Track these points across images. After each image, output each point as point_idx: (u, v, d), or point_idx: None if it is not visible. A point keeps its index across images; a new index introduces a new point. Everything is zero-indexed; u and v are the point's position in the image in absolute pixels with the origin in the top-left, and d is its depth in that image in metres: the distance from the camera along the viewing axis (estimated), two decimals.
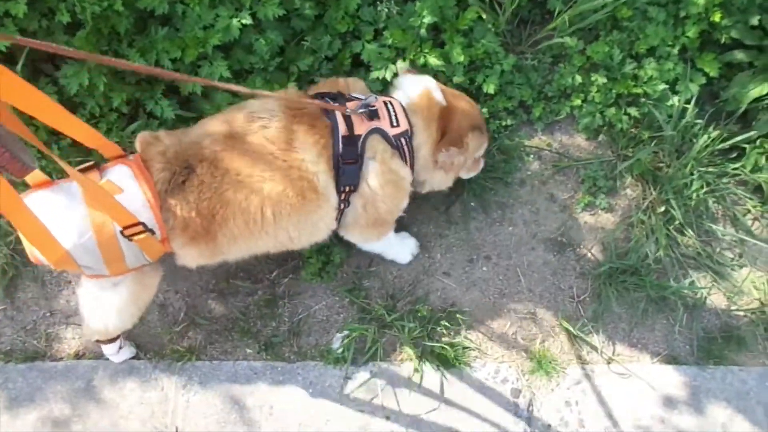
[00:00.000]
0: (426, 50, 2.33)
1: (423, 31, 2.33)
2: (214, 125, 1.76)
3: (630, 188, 2.56)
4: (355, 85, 2.01)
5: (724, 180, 2.53)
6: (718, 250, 2.49)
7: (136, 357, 2.23)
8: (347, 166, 1.77)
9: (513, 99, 2.55)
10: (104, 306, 1.82)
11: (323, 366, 2.24)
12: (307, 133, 1.73)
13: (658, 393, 2.25)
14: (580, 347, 2.32)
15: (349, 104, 1.82)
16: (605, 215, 2.52)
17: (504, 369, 2.27)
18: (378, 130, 1.81)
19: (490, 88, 2.44)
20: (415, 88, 1.94)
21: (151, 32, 2.22)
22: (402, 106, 1.90)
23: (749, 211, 2.53)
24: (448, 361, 2.24)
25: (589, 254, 2.46)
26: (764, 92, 2.43)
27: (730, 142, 2.49)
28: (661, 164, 2.52)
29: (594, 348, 2.32)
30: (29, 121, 1.65)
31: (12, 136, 1.02)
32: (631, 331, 2.36)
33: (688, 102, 2.48)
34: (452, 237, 2.45)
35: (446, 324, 2.29)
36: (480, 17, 2.46)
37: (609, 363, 2.30)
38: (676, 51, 2.51)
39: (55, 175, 2.02)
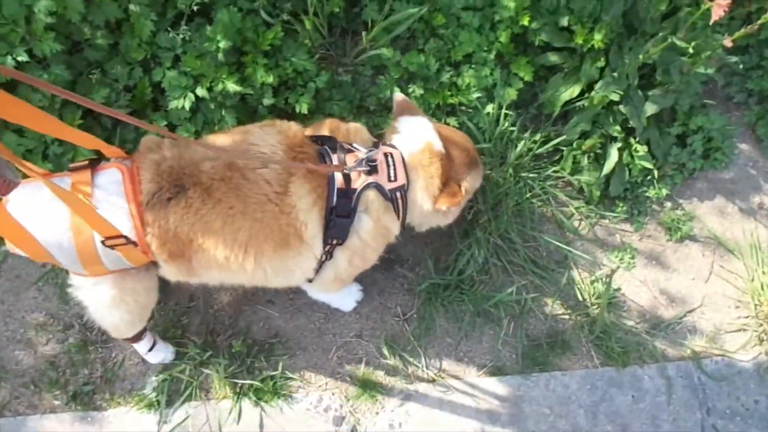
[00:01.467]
0: (224, 75, 2.23)
1: (220, 56, 2.24)
2: (219, 147, 1.72)
3: None
4: (357, 134, 1.90)
5: (549, 183, 2.54)
6: (544, 254, 2.50)
7: None
8: (339, 219, 1.73)
9: (331, 116, 2.49)
10: (92, 302, 1.79)
11: (137, 411, 2.17)
12: (304, 179, 1.67)
13: (481, 406, 2.26)
14: (405, 367, 2.30)
15: (349, 157, 1.75)
16: (434, 229, 2.50)
17: (327, 397, 2.24)
18: (375, 185, 1.75)
19: (303, 108, 2.37)
20: (416, 141, 1.86)
21: None
22: (402, 158, 1.82)
23: (573, 213, 2.55)
24: (267, 395, 2.20)
25: (416, 270, 2.44)
26: (575, 94, 2.44)
27: (548, 146, 2.49)
28: (486, 173, 2.51)
29: (417, 366, 2.30)
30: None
31: None
32: (457, 346, 2.36)
33: (505, 108, 2.47)
34: None
35: (263, 358, 2.24)
36: (286, 34, 2.38)
37: (433, 381, 2.29)
38: (492, 56, 2.48)
39: None
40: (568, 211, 2.55)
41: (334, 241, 1.77)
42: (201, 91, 2.24)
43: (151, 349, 2.13)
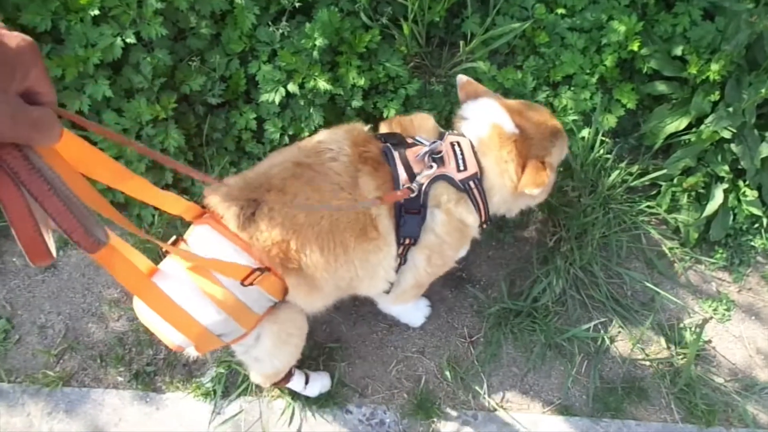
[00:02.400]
0: (316, 73, 2.23)
1: (315, 54, 2.24)
2: (282, 155, 1.70)
3: (541, 223, 2.43)
4: (422, 125, 1.79)
5: (642, 218, 2.37)
6: (629, 293, 2.34)
7: (6, 381, 2.19)
8: (409, 215, 1.66)
9: None
10: (262, 353, 1.74)
11: (193, 398, 2.17)
12: (371, 176, 1.63)
13: None
14: (466, 392, 2.20)
15: (411, 151, 1.68)
16: (510, 251, 2.39)
17: (381, 411, 2.16)
18: (443, 177, 1.67)
19: (391, 113, 2.34)
20: (482, 126, 1.74)
21: None
22: (472, 145, 1.72)
23: (666, 253, 2.37)
24: (321, 401, 2.14)
25: (488, 292, 2.33)
26: (681, 127, 2.27)
27: (646, 178, 2.33)
28: (573, 199, 2.38)
29: (479, 392, 2.19)
30: None
31: (85, 209, 0.97)
32: (524, 377, 2.23)
33: (602, 135, 2.33)
34: None
35: (321, 362, 2.19)
36: (383, 39, 2.36)
37: (494, 410, 2.17)
38: (594, 80, 2.36)
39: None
40: (660, 251, 2.37)
41: (407, 241, 1.69)
42: (292, 87, 2.24)
43: (307, 383, 2.08)
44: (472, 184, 1.68)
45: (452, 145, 1.70)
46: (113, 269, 1.22)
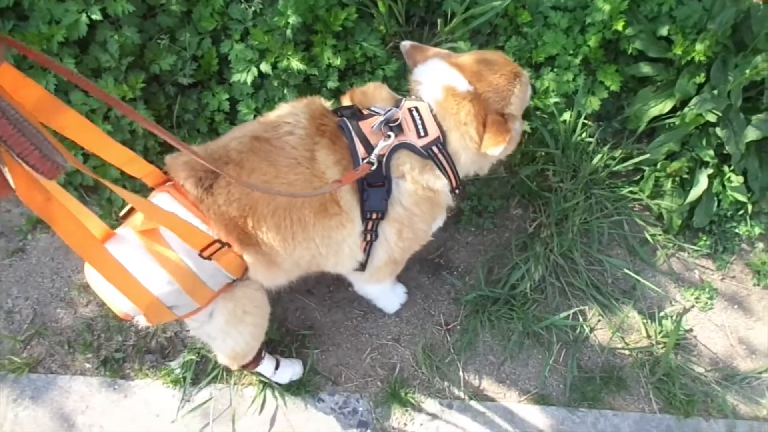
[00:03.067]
0: (289, 53, 2.16)
1: (289, 32, 2.16)
2: (243, 129, 1.65)
3: (521, 209, 2.37)
4: (376, 94, 1.73)
5: (624, 204, 2.32)
6: (609, 281, 2.29)
7: None
8: (372, 189, 1.60)
9: None
10: (215, 329, 1.69)
11: (162, 385, 2.12)
12: (329, 149, 1.58)
13: None
14: (441, 380, 2.15)
15: (366, 122, 1.61)
16: (490, 237, 2.34)
17: (354, 400, 2.12)
18: (404, 145, 1.60)
19: None
20: (436, 88, 1.67)
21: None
22: (430, 108, 1.65)
23: (649, 240, 2.31)
24: (293, 389, 2.10)
25: (465, 279, 2.28)
26: (665, 110, 2.21)
27: (629, 163, 2.27)
28: (553, 183, 2.32)
29: (454, 381, 2.14)
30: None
31: (40, 134, 0.93)
32: (500, 366, 2.18)
33: (585, 118, 2.27)
34: None
35: (294, 349, 2.14)
36: (361, 18, 2.28)
37: (470, 399, 2.12)
38: (577, 61, 2.29)
39: None
40: (642, 238, 2.32)
41: (374, 215, 1.62)
42: (265, 67, 2.17)
43: (277, 368, 2.04)
44: (435, 149, 1.61)
45: (410, 111, 1.63)
46: (57, 225, 1.17)
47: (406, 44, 1.81)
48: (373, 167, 1.55)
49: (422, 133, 1.61)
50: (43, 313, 2.24)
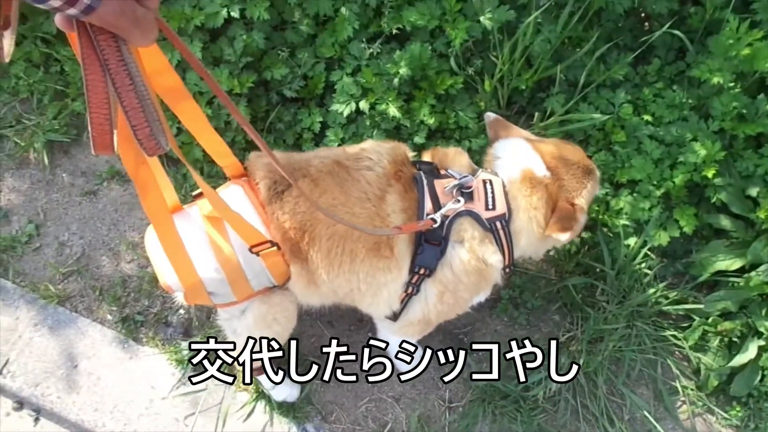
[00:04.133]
0: (390, 98, 2.27)
1: (396, 81, 2.28)
2: (329, 151, 1.75)
3: (559, 316, 2.34)
4: (456, 159, 1.77)
5: (663, 346, 2.25)
6: (626, 417, 2.20)
7: (5, 277, 2.28)
8: (428, 245, 1.63)
9: None
10: (243, 328, 1.77)
11: (166, 360, 2.18)
12: (399, 195, 1.64)
13: None
14: None
15: (440, 182, 1.67)
16: (520, 332, 2.31)
17: None
18: (469, 213, 1.64)
19: None
20: (514, 167, 1.72)
21: None
22: (503, 185, 1.69)
23: (679, 391, 2.22)
24: (284, 410, 2.11)
25: (483, 365, 2.25)
26: (732, 268, 2.16)
27: (680, 307, 2.22)
28: (598, 302, 2.28)
29: None
30: None
31: (156, 114, 1.08)
32: None
33: (648, 249, 2.24)
34: None
35: (297, 373, 2.15)
36: (465, 89, 2.38)
37: None
38: (658, 193, 2.28)
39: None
40: (673, 386, 2.23)
41: (422, 270, 1.65)
42: (364, 104, 2.29)
43: (278, 383, 2.03)
44: (498, 224, 1.65)
45: (484, 182, 1.68)
46: (141, 187, 1.26)
47: (490, 115, 1.89)
48: (435, 225, 1.60)
49: (490, 206, 1.65)
50: (90, 255, 2.37)
